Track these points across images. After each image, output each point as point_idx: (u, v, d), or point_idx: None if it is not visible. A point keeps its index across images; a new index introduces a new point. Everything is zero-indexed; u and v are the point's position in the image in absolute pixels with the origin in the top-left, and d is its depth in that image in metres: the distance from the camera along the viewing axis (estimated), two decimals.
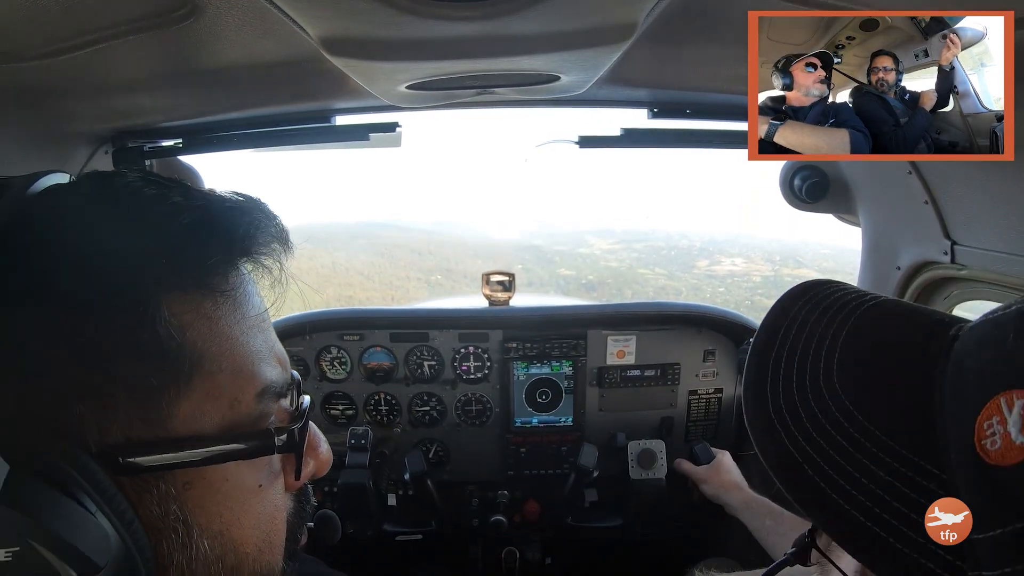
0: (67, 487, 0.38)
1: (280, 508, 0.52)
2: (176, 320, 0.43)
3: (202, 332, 0.44)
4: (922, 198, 1.13)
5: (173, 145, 1.41)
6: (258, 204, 0.50)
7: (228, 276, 0.47)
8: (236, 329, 0.47)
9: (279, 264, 0.51)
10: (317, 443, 0.56)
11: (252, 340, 0.48)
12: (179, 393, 0.43)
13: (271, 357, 0.50)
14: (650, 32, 0.86)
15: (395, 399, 1.91)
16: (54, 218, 0.43)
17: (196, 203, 0.46)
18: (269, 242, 0.49)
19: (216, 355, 0.45)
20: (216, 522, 0.46)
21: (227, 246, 0.47)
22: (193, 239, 0.45)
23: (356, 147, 1.46)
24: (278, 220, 0.50)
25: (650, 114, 1.38)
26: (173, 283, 0.44)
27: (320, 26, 0.77)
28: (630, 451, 1.77)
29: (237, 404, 0.46)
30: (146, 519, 0.42)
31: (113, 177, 0.47)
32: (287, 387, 0.52)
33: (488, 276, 1.91)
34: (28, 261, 0.41)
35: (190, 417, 0.44)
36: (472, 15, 0.73)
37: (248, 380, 0.47)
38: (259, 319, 0.49)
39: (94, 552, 0.38)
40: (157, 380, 0.42)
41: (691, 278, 30.38)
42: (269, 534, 0.50)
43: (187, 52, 0.92)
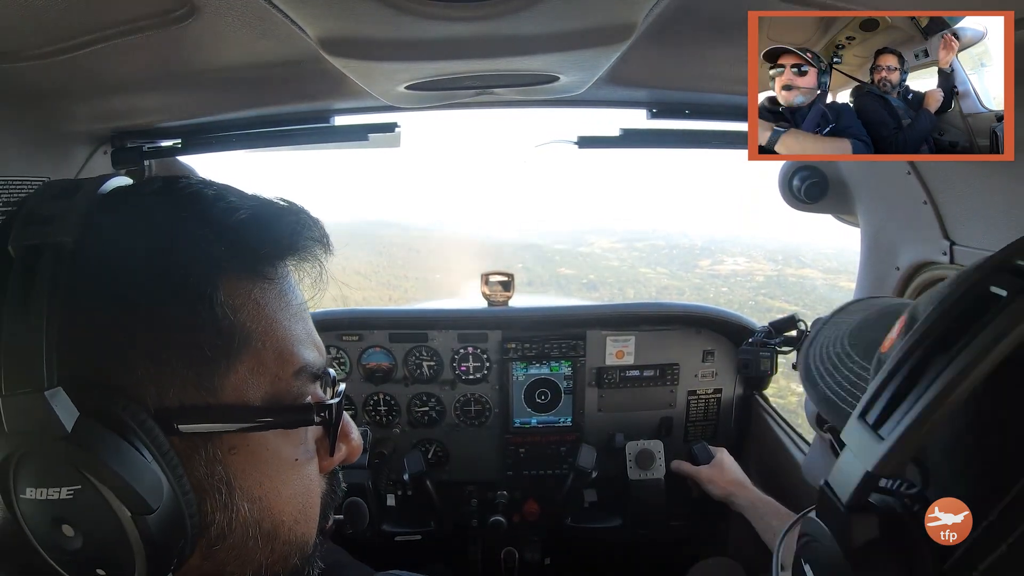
0: (127, 436, 0.43)
1: (315, 484, 0.56)
2: (230, 301, 0.48)
3: (251, 314, 0.49)
4: (921, 198, 1.13)
5: (172, 145, 1.41)
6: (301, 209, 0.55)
7: (276, 267, 0.52)
8: (280, 314, 0.52)
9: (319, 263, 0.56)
10: (349, 430, 0.60)
11: (293, 326, 0.53)
12: (229, 366, 0.48)
13: (310, 343, 0.54)
14: (649, 32, 0.86)
15: (394, 399, 1.90)
16: (126, 214, 0.49)
17: (249, 203, 0.51)
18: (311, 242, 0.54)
19: (262, 335, 0.50)
20: (256, 488, 0.49)
21: (276, 240, 0.52)
22: (247, 232, 0.50)
23: (355, 147, 1.46)
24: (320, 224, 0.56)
25: (649, 114, 1.38)
26: (229, 269, 0.49)
27: (319, 26, 0.77)
28: (628, 452, 1.77)
29: (278, 380, 0.50)
30: (193, 478, 0.46)
31: (176, 180, 0.53)
32: (322, 371, 0.56)
33: (487, 276, 1.91)
34: (103, 249, 0.46)
35: (237, 388, 0.48)
36: (471, 15, 0.73)
37: (288, 359, 0.51)
38: (300, 309, 0.54)
39: (149, 496, 0.43)
40: (211, 352, 0.47)
41: (694, 277, 30.38)
42: (305, 507, 0.54)
43: (186, 52, 0.92)
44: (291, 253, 0.54)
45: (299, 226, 0.53)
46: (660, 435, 1.88)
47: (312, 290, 0.57)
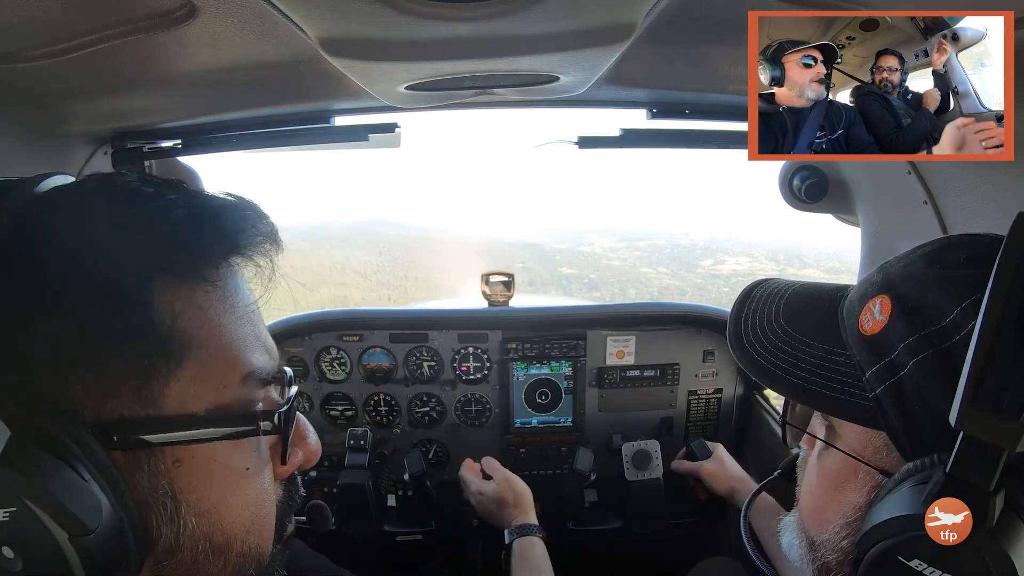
0: (63, 454, 0.41)
1: (268, 493, 0.54)
2: (169, 306, 0.46)
3: (192, 318, 0.47)
4: (921, 198, 1.12)
5: (172, 146, 1.41)
6: (249, 204, 0.53)
7: (218, 268, 0.50)
8: (224, 318, 0.49)
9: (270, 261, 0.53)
10: (305, 433, 0.59)
11: (239, 329, 0.50)
12: (169, 375, 0.45)
13: (258, 346, 0.52)
14: (649, 32, 0.86)
15: (394, 400, 1.90)
16: (58, 213, 0.47)
17: (189, 200, 0.49)
18: (258, 239, 0.52)
19: (204, 340, 0.47)
20: (204, 501, 0.48)
21: (217, 240, 0.50)
22: (185, 232, 0.48)
23: (355, 148, 1.46)
24: (268, 219, 0.53)
25: (649, 114, 1.37)
26: (166, 272, 0.46)
27: (319, 27, 0.77)
28: (624, 453, 1.76)
29: (223, 388, 0.48)
30: (136, 493, 0.45)
31: (113, 177, 0.51)
32: (274, 375, 0.54)
33: (487, 276, 1.91)
34: (33, 250, 0.44)
35: (179, 398, 0.46)
36: (471, 15, 0.73)
37: (234, 365, 0.49)
38: (247, 310, 0.52)
39: (86, 516, 0.41)
40: (149, 361, 0.45)
41: (695, 277, 30.37)
42: (258, 517, 0.52)
43: (186, 53, 0.92)
44: (235, 252, 0.51)
45: (243, 223, 0.51)
46: (660, 435, 1.88)
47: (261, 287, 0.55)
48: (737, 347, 0.72)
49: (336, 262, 34.91)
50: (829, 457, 0.63)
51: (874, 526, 0.51)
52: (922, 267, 0.58)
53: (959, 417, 0.45)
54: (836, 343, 0.63)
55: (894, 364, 0.55)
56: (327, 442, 1.92)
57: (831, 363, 0.62)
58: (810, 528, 0.66)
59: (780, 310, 0.71)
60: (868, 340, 0.58)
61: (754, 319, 0.72)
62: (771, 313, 0.71)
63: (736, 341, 0.72)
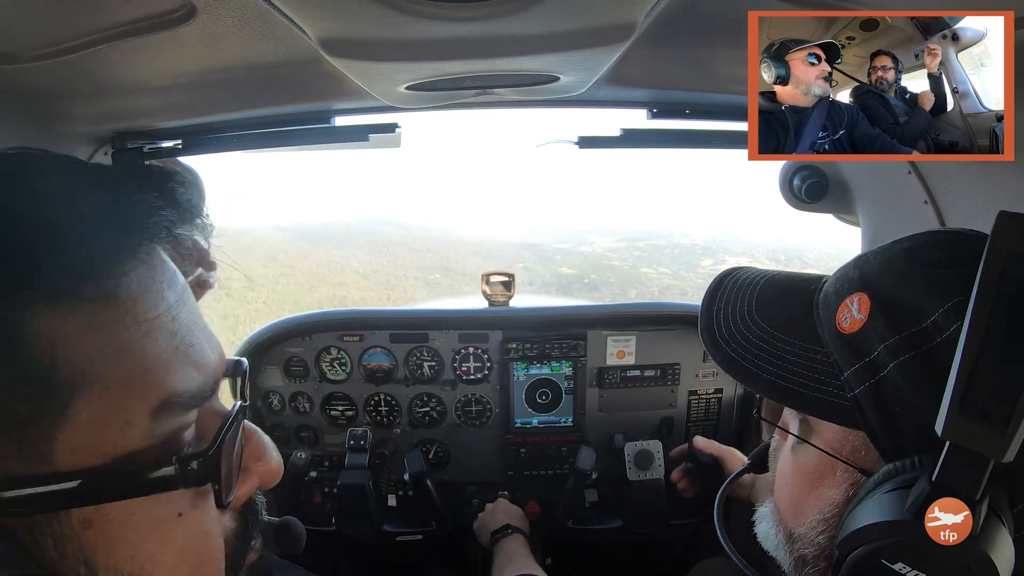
0: None
1: (212, 533, 0.45)
2: (42, 339, 0.36)
3: (78, 348, 0.37)
4: (922, 198, 1.12)
5: (173, 146, 1.41)
6: (154, 174, 0.43)
7: (108, 280, 0.39)
8: (125, 336, 0.39)
9: (194, 243, 0.44)
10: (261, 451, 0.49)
11: (148, 345, 0.40)
12: (55, 422, 0.37)
13: (179, 361, 0.41)
14: (650, 32, 0.86)
15: (395, 400, 1.91)
16: None
17: (61, 204, 0.39)
18: (160, 230, 0.42)
19: (98, 372, 0.38)
20: (127, 563, 0.40)
21: (101, 248, 0.39)
22: (56, 246, 0.37)
23: (356, 148, 1.46)
24: (178, 194, 0.43)
25: (650, 114, 1.37)
26: (35, 299, 0.37)
27: (319, 27, 0.77)
28: (627, 452, 1.77)
29: (129, 427, 0.39)
30: (44, 559, 0.38)
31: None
32: (208, 392, 0.44)
33: (488, 276, 1.91)
34: None
35: (73, 449, 0.37)
36: (471, 15, 0.73)
37: (141, 395, 0.39)
38: (160, 320, 0.41)
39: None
40: (26, 410, 0.36)
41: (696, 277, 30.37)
42: (200, 564, 0.44)
43: (186, 53, 0.92)
44: (129, 255, 0.40)
45: (131, 218, 0.41)
46: (661, 435, 1.88)
47: (192, 269, 0.44)
48: (710, 342, 0.70)
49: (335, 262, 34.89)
50: (804, 452, 0.63)
51: (856, 530, 0.51)
52: (900, 264, 0.57)
53: (946, 426, 0.45)
54: (812, 339, 0.62)
55: (874, 364, 0.54)
56: (328, 442, 1.92)
57: (807, 360, 0.61)
58: (787, 520, 0.66)
59: (752, 302, 0.70)
60: (846, 339, 0.57)
61: (726, 311, 0.71)
62: (743, 305, 0.70)
63: (708, 335, 0.70)
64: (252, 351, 1.83)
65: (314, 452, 1.90)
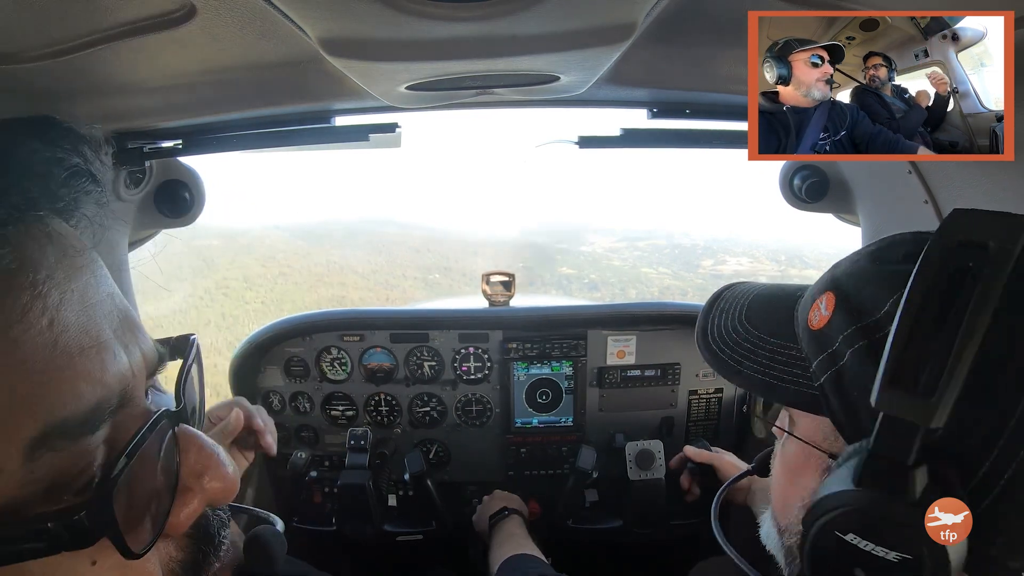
0: None
1: (147, 572, 0.37)
2: None
3: None
4: (922, 198, 1.12)
5: (173, 146, 1.41)
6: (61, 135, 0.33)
7: None
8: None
9: (87, 219, 0.34)
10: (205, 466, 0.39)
11: (11, 366, 0.31)
12: None
13: (60, 377, 0.32)
14: (650, 32, 0.86)
15: (395, 400, 1.91)
16: None
17: None
18: (26, 214, 0.33)
19: None
20: None
21: None
22: None
23: (356, 148, 1.46)
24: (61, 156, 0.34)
25: (650, 114, 1.37)
26: None
27: (319, 27, 0.77)
28: (628, 452, 1.77)
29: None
30: None
31: None
32: (112, 405, 0.35)
33: (488, 276, 1.91)
34: None
35: None
36: (472, 15, 0.73)
37: (10, 431, 0.31)
38: (26, 325, 0.32)
39: None
40: None
41: (696, 278, 30.37)
42: None
43: (186, 53, 0.92)
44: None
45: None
46: (661, 435, 1.88)
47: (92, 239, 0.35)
48: (703, 346, 0.77)
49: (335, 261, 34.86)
50: (789, 445, 0.68)
51: (813, 504, 0.55)
52: (865, 264, 0.62)
53: (878, 398, 0.48)
54: (790, 338, 0.67)
55: (835, 354, 0.59)
56: (328, 442, 1.92)
57: (784, 356, 0.67)
58: (778, 515, 0.70)
59: (743, 311, 0.77)
60: (814, 334, 0.63)
61: (720, 319, 0.78)
62: (735, 314, 0.77)
63: (703, 341, 0.78)
64: (252, 351, 1.83)
65: (314, 452, 1.90)
